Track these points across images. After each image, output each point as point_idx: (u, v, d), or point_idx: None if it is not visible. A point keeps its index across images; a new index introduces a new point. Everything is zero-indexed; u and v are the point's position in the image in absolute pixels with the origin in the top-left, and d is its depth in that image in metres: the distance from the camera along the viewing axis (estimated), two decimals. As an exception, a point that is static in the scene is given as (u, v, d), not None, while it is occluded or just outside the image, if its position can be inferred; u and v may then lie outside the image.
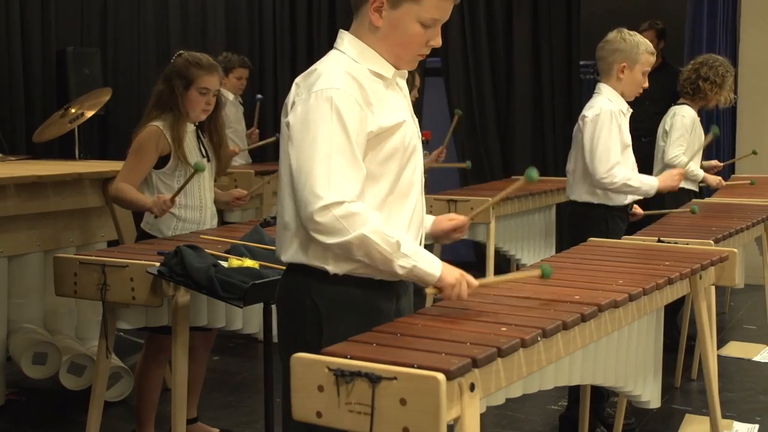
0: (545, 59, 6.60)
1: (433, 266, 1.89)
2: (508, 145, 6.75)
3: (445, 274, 1.90)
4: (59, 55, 5.59)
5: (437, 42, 1.97)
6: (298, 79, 1.93)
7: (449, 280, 1.90)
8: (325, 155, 1.80)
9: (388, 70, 1.95)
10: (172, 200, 3.11)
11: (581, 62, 6.58)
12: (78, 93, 5.17)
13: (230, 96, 5.77)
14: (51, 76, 5.64)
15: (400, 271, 1.86)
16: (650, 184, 3.45)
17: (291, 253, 1.94)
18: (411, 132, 1.97)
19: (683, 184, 4.37)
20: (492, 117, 6.74)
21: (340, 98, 1.82)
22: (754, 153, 5.20)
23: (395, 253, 1.83)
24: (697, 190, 4.54)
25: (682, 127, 4.45)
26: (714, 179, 4.67)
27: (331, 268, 1.89)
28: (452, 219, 2.18)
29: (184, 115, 3.19)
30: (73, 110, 4.67)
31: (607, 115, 3.37)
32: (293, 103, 1.89)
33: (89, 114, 4.63)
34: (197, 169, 3.05)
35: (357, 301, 1.91)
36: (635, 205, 3.60)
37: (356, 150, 1.83)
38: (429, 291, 1.92)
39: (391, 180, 1.92)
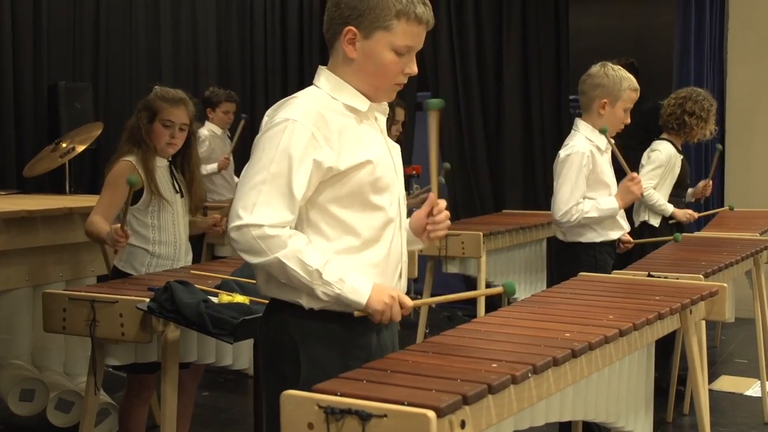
0: (535, 94, 6.66)
1: (359, 294, 1.87)
2: (499, 179, 6.78)
3: (373, 301, 1.88)
4: (51, 89, 5.60)
5: (413, 69, 1.97)
6: (269, 111, 1.96)
7: (377, 307, 1.88)
8: (260, 181, 1.85)
9: (362, 103, 1.96)
10: (123, 229, 3.00)
11: (570, 97, 6.63)
12: (69, 127, 5.18)
13: (218, 131, 5.79)
14: (42, 111, 5.65)
15: (324, 298, 1.87)
16: (610, 207, 3.38)
17: (263, 286, 1.98)
18: (383, 169, 1.96)
19: (645, 218, 4.40)
20: (482, 151, 6.78)
21: (294, 129, 1.86)
22: (731, 209, 5.08)
23: (315, 282, 1.85)
24: (657, 225, 4.42)
25: (657, 161, 4.41)
26: (683, 214, 4.47)
27: (305, 302, 1.91)
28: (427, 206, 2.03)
29: (152, 148, 3.19)
30: (64, 145, 4.68)
31: (579, 156, 3.36)
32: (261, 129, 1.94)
33: (80, 148, 4.64)
34: (131, 184, 2.96)
35: (334, 335, 1.92)
36: (625, 234, 3.58)
37: (294, 181, 1.84)
38: (356, 314, 1.89)
39: (360, 215, 1.92)
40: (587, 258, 3.37)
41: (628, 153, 4.44)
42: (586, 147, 3.38)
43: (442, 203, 2.03)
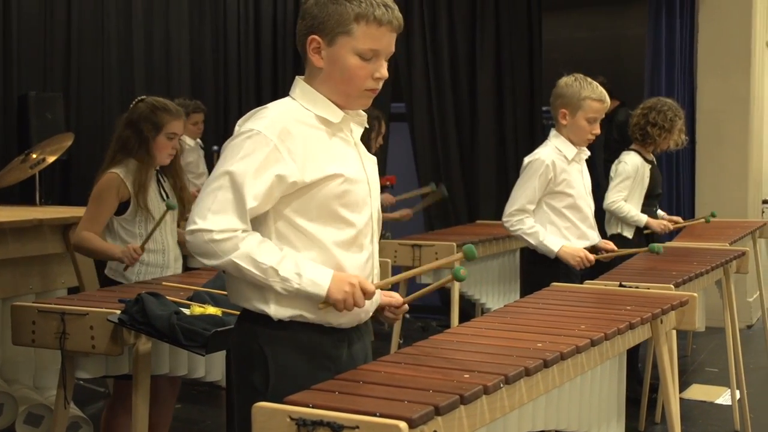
0: (508, 105, 6.70)
1: (318, 287, 1.85)
2: (473, 190, 6.81)
3: (333, 291, 1.86)
4: (21, 99, 5.54)
5: (382, 73, 1.95)
6: (240, 120, 1.96)
7: (338, 297, 1.86)
8: (216, 187, 1.86)
9: (335, 115, 1.96)
10: (142, 248, 3.12)
11: (543, 108, 6.68)
12: (40, 138, 5.12)
13: (191, 142, 5.77)
14: (12, 121, 5.58)
15: (284, 293, 1.86)
16: (549, 248, 3.43)
17: (232, 295, 1.99)
18: (354, 183, 1.94)
19: (618, 230, 4.43)
20: (456, 162, 6.81)
21: (256, 141, 1.86)
22: (713, 215, 5.13)
23: (271, 278, 1.84)
24: (630, 237, 4.44)
25: (624, 174, 4.43)
26: (658, 225, 4.54)
27: (273, 312, 1.90)
28: (390, 296, 2.13)
29: (152, 159, 3.19)
30: (34, 155, 4.63)
31: (538, 164, 3.45)
32: None
33: (51, 159, 4.60)
34: (169, 207, 3.11)
35: (303, 346, 1.92)
36: (607, 243, 3.62)
37: (249, 191, 1.84)
38: (320, 306, 1.89)
39: (328, 229, 1.91)
40: (552, 267, 3.41)
41: (606, 166, 4.51)
42: (549, 156, 3.45)
43: (405, 307, 2.11)
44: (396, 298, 2.12)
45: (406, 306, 2.12)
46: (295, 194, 1.90)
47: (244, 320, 1.98)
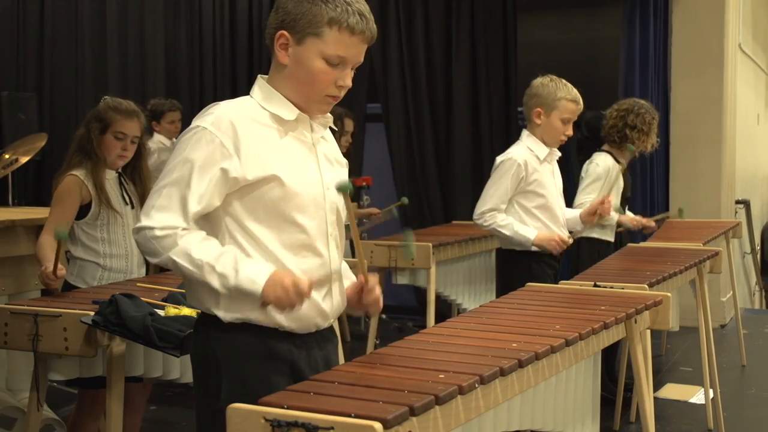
0: (484, 106, 6.72)
1: (254, 284, 1.80)
2: (449, 190, 6.82)
3: (266, 291, 1.79)
4: (-6, 99, 5.50)
5: (346, 83, 1.93)
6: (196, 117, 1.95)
7: (270, 298, 1.80)
8: (162, 185, 1.86)
9: (289, 113, 1.93)
10: (55, 272, 2.94)
11: (519, 109, 6.70)
12: (12, 138, 5.09)
13: (167, 142, 5.74)
14: (-15, 121, 5.54)
15: (223, 291, 1.82)
16: (525, 236, 3.44)
17: (189, 296, 1.97)
18: (303, 185, 1.90)
19: (597, 235, 4.35)
20: (432, 162, 6.82)
21: (201, 137, 1.85)
22: (680, 212, 5.11)
23: (207, 275, 1.81)
24: (612, 240, 4.40)
25: (594, 175, 4.34)
26: (630, 220, 4.49)
27: (222, 313, 1.89)
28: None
29: (102, 160, 3.14)
30: (7, 156, 4.59)
31: (510, 163, 3.47)
32: None
33: (24, 160, 4.56)
34: (58, 238, 2.86)
35: (254, 349, 1.89)
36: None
37: (191, 189, 1.83)
38: (261, 305, 1.84)
39: (276, 232, 1.88)
40: (523, 268, 3.43)
41: (580, 166, 4.50)
42: (521, 156, 3.46)
43: (372, 281, 2.01)
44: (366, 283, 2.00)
45: (378, 293, 2.02)
46: (241, 193, 1.87)
47: (200, 323, 1.96)
